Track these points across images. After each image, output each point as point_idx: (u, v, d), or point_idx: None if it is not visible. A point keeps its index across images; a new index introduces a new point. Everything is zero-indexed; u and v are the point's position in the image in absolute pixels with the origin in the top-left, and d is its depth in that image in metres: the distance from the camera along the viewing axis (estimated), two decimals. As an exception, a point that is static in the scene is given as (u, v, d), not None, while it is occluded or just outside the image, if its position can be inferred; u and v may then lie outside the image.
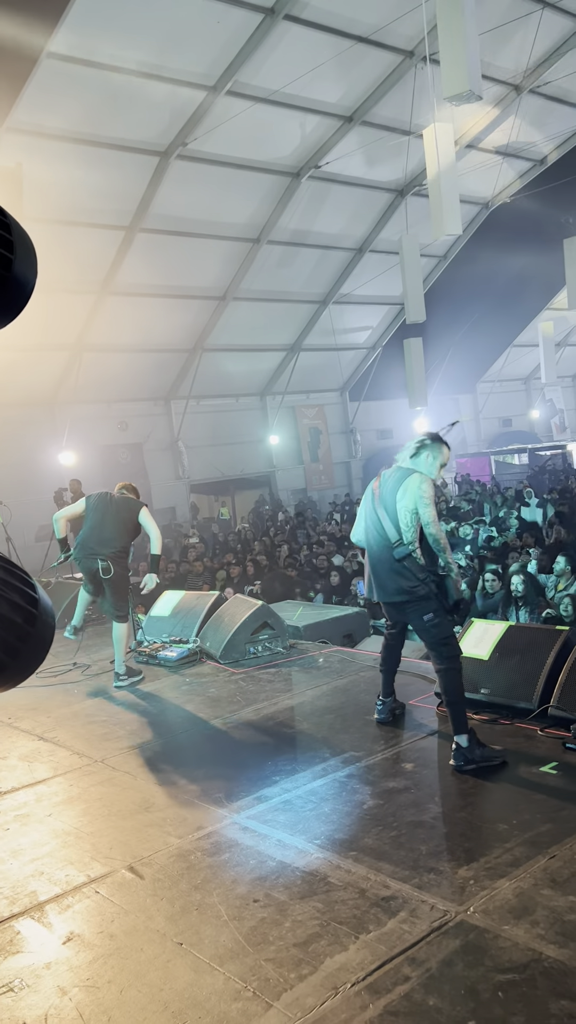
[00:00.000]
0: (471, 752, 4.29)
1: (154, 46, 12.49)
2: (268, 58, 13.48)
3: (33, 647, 1.52)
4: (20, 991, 2.88)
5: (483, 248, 21.32)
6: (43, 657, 1.59)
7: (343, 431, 24.34)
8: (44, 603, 1.56)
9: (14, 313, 1.52)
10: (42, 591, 1.59)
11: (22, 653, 1.50)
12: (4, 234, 1.47)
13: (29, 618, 1.50)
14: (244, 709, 5.72)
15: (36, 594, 1.54)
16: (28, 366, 15.40)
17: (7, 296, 1.47)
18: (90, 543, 6.57)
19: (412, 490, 4.50)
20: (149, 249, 15.94)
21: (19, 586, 1.51)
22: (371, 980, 2.74)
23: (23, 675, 1.55)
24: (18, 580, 1.52)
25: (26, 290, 1.52)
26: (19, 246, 1.50)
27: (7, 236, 1.47)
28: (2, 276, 1.46)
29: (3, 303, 1.47)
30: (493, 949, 2.84)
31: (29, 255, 1.53)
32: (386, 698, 5.13)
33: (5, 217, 1.47)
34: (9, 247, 1.47)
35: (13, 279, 1.47)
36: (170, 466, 20.27)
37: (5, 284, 1.46)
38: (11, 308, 1.50)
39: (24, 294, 1.52)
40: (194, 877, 3.51)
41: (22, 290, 1.52)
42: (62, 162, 13.11)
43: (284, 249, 18.44)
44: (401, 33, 14.17)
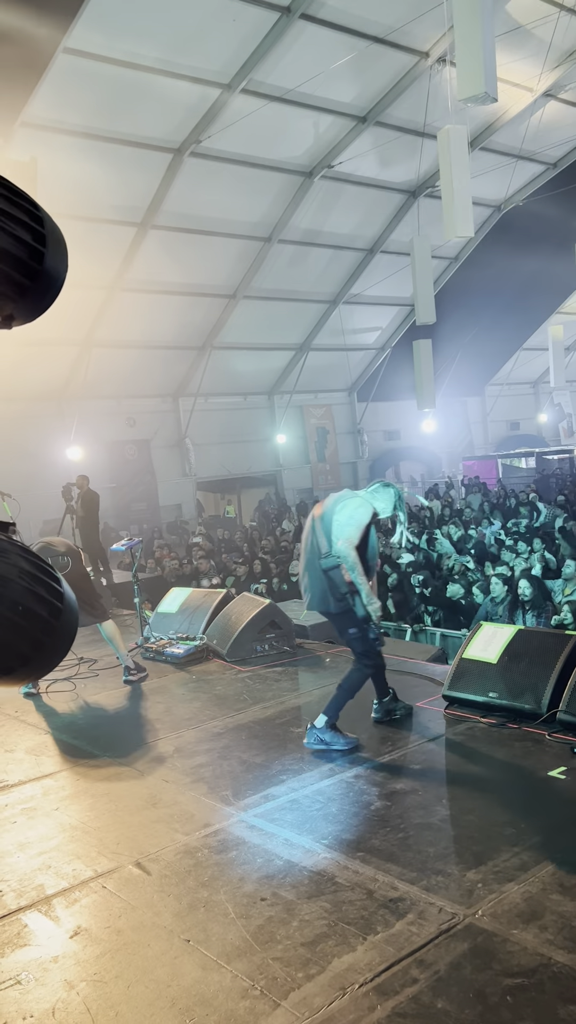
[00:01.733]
0: (323, 733, 4.72)
1: (170, 43, 12.48)
2: (283, 57, 13.46)
3: (57, 641, 1.53)
4: (28, 984, 2.89)
5: (494, 251, 21.27)
6: (66, 651, 1.59)
7: (350, 431, 24.32)
8: (68, 597, 1.56)
9: (45, 306, 1.53)
10: (66, 585, 1.59)
11: (46, 647, 1.50)
12: (37, 227, 1.47)
13: (54, 611, 1.50)
14: (251, 707, 5.72)
15: (61, 588, 1.54)
16: (38, 361, 15.40)
17: (39, 289, 1.48)
18: None
19: (348, 508, 4.75)
20: (161, 246, 15.93)
21: (45, 579, 1.51)
22: (379, 981, 2.74)
23: (46, 668, 1.55)
24: (44, 573, 1.52)
25: (57, 283, 1.53)
26: (51, 240, 1.50)
27: (40, 230, 1.48)
28: (34, 269, 1.46)
29: (35, 296, 1.47)
30: (502, 953, 2.83)
31: (60, 249, 1.54)
32: (381, 699, 5.17)
33: (38, 211, 1.47)
34: (42, 241, 1.47)
35: (45, 273, 1.48)
36: (177, 463, 20.27)
37: (37, 277, 1.46)
38: (42, 301, 1.51)
39: (55, 287, 1.53)
40: (201, 874, 3.52)
41: (53, 283, 1.52)
42: (76, 157, 13.11)
43: (295, 248, 18.42)
44: (417, 34, 14.13)
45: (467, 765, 4.47)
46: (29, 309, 1.49)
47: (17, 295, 1.43)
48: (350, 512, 4.72)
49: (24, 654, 1.46)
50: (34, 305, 1.49)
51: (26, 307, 1.48)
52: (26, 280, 1.44)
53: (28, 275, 1.43)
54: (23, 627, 1.45)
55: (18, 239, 1.40)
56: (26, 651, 1.46)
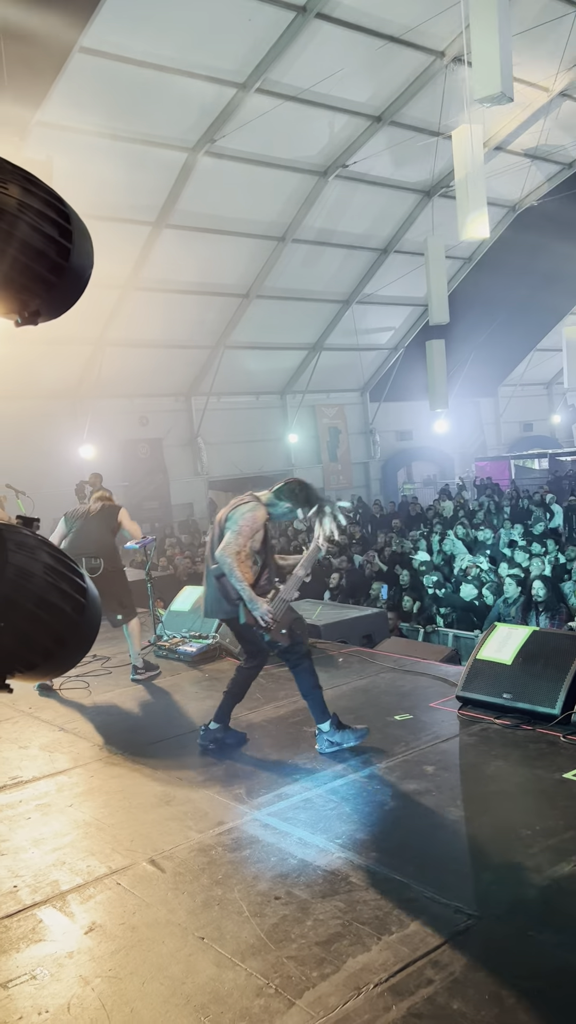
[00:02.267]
0: (332, 736, 4.71)
1: (185, 42, 12.50)
2: (299, 56, 13.46)
3: (80, 636, 1.53)
4: (43, 979, 2.90)
5: (509, 251, 21.20)
6: (89, 646, 1.59)
7: (363, 431, 24.29)
8: (92, 593, 1.57)
9: (71, 302, 1.53)
10: (90, 581, 1.59)
11: (70, 642, 1.51)
12: (64, 224, 1.48)
13: (78, 607, 1.50)
14: (264, 706, 5.72)
15: (85, 584, 1.54)
16: (51, 359, 15.46)
17: (66, 285, 1.48)
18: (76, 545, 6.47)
19: (237, 514, 4.68)
20: (175, 245, 15.96)
21: (69, 575, 1.52)
22: (394, 982, 2.73)
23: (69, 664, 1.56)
24: (68, 569, 1.53)
25: (83, 279, 1.53)
26: (77, 236, 1.51)
27: (66, 226, 1.48)
28: (61, 265, 1.47)
29: (62, 292, 1.48)
30: (517, 955, 2.82)
31: (87, 245, 1.54)
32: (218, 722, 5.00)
33: (66, 208, 1.48)
34: (68, 237, 1.48)
35: (71, 269, 1.48)
36: (189, 462, 20.31)
37: (64, 273, 1.47)
38: (69, 297, 1.51)
39: (81, 283, 1.53)
40: (215, 872, 3.52)
41: (79, 280, 1.53)
42: (91, 156, 13.15)
43: (309, 248, 18.42)
44: (433, 33, 14.10)
45: (481, 766, 4.45)
46: (55, 305, 1.50)
47: (44, 291, 1.44)
48: (237, 519, 4.64)
49: (48, 649, 1.47)
50: (60, 301, 1.50)
51: (52, 303, 1.48)
52: (53, 276, 1.44)
53: (55, 271, 1.44)
54: (47, 622, 1.45)
55: (46, 235, 1.41)
56: (49, 646, 1.46)
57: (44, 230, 1.42)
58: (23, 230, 1.38)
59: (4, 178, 1.36)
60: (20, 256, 1.39)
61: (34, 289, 1.44)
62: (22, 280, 1.41)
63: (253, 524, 4.65)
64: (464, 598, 9.45)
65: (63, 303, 1.52)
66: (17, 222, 1.37)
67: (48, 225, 1.42)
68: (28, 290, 1.43)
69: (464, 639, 8.63)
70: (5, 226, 1.35)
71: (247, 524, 4.63)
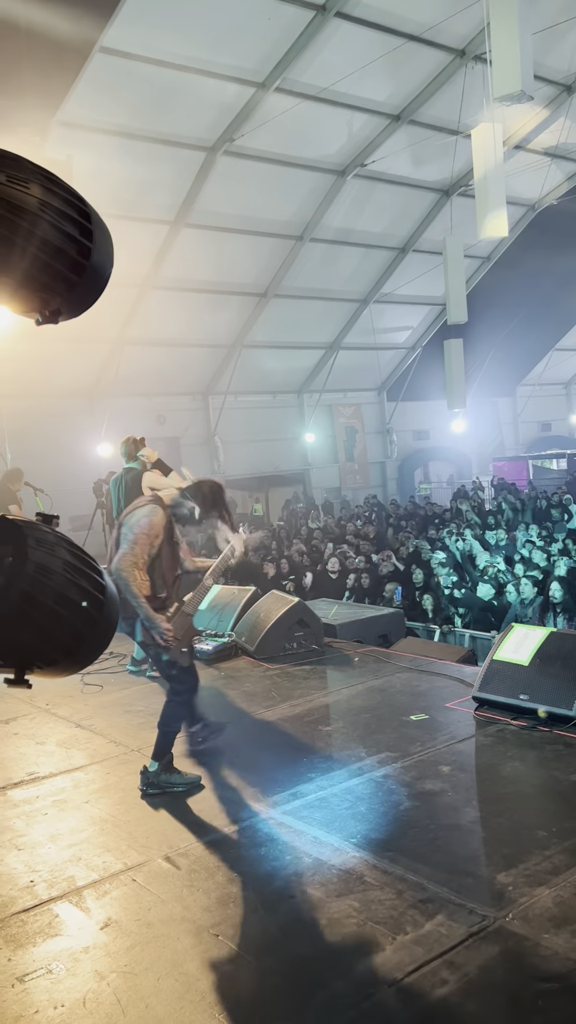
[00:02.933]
0: (156, 776, 4.35)
1: (205, 42, 12.51)
2: (318, 55, 13.44)
3: (99, 633, 1.54)
4: (59, 974, 2.92)
5: (528, 250, 21.07)
6: (107, 643, 1.60)
7: (379, 431, 24.22)
8: (110, 590, 1.58)
9: (91, 300, 1.54)
10: (108, 579, 1.60)
11: (89, 638, 1.52)
12: (84, 223, 1.48)
13: (97, 604, 1.51)
14: (279, 705, 5.73)
15: (103, 581, 1.55)
16: (70, 358, 15.52)
17: (86, 284, 1.49)
18: None
19: (133, 520, 4.28)
20: (193, 244, 15.99)
21: (88, 572, 1.53)
22: (408, 982, 2.73)
23: (88, 660, 1.57)
24: (87, 566, 1.54)
25: (103, 278, 1.54)
26: (98, 235, 1.52)
27: (87, 225, 1.49)
28: (81, 264, 1.48)
29: (82, 291, 1.49)
30: (533, 957, 2.81)
31: (107, 245, 1.55)
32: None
33: (86, 207, 1.49)
34: (89, 236, 1.49)
35: (92, 268, 1.49)
36: (206, 461, 20.33)
37: (84, 272, 1.48)
38: (89, 296, 1.52)
39: (101, 282, 1.54)
40: (230, 869, 3.53)
41: (99, 279, 1.53)
42: (111, 156, 13.19)
43: (327, 247, 18.39)
44: (453, 32, 14.04)
45: (497, 767, 4.43)
46: (76, 303, 1.51)
47: (65, 289, 1.45)
48: (132, 526, 4.23)
49: (67, 645, 1.48)
50: (81, 299, 1.51)
51: (73, 301, 1.50)
52: (73, 275, 1.45)
53: (76, 270, 1.45)
54: (66, 618, 1.46)
55: (67, 234, 1.42)
56: (69, 642, 1.47)
57: (65, 229, 1.43)
58: (44, 229, 1.39)
59: (25, 177, 1.37)
60: (41, 254, 1.40)
61: (55, 287, 1.45)
62: (43, 278, 1.43)
63: (150, 531, 4.20)
64: (482, 597, 9.41)
65: (83, 301, 1.53)
66: (38, 221, 1.38)
67: (69, 224, 1.43)
68: (49, 288, 1.45)
69: (481, 640, 8.59)
70: (26, 225, 1.37)
71: (143, 532, 4.18)
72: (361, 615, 8.00)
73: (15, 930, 3.20)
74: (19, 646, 1.47)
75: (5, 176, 1.33)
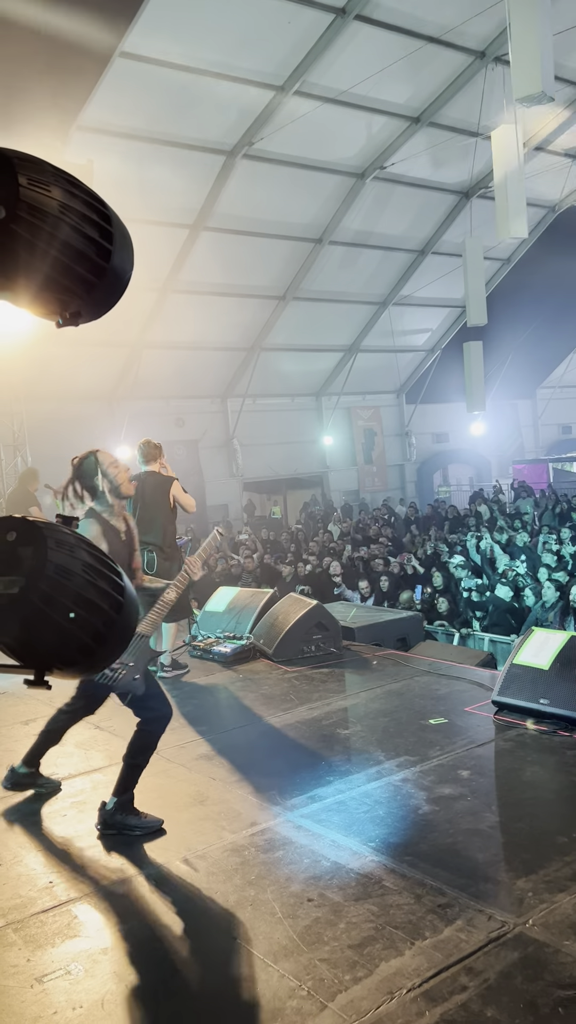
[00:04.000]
0: (112, 816, 3.91)
1: (225, 46, 12.56)
2: (337, 58, 13.45)
3: (118, 634, 1.54)
4: (77, 975, 2.92)
5: (548, 252, 20.96)
6: (127, 644, 1.61)
7: (398, 433, 24.18)
8: (130, 592, 1.58)
9: (111, 303, 1.55)
10: (128, 580, 1.61)
11: (108, 640, 1.52)
12: (105, 226, 1.49)
13: (116, 606, 1.52)
14: (298, 707, 5.72)
15: (123, 582, 1.56)
16: (89, 361, 15.62)
17: (106, 286, 1.50)
18: None
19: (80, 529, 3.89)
20: (212, 248, 16.04)
21: (107, 574, 1.53)
22: (427, 987, 2.71)
23: (108, 661, 1.57)
24: (106, 567, 1.54)
25: (123, 281, 1.55)
26: (118, 238, 1.52)
27: (107, 228, 1.50)
28: (101, 267, 1.48)
29: (102, 293, 1.49)
30: (553, 964, 2.79)
31: (127, 247, 1.56)
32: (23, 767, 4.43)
33: (106, 209, 1.49)
34: (109, 238, 1.49)
35: (112, 270, 1.50)
36: (224, 464, 20.38)
37: (104, 274, 1.48)
38: (109, 298, 1.53)
39: (121, 285, 1.55)
40: (248, 873, 3.52)
41: (119, 281, 1.54)
42: (131, 160, 13.27)
43: (346, 250, 18.39)
44: (472, 34, 14.01)
45: (517, 772, 4.40)
46: (96, 306, 1.51)
47: (85, 292, 1.46)
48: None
49: (86, 646, 1.48)
50: (101, 302, 1.52)
51: (93, 304, 1.50)
52: (94, 278, 1.46)
53: (96, 272, 1.45)
54: (86, 619, 1.47)
55: (87, 237, 1.42)
56: (88, 643, 1.48)
57: (85, 232, 1.43)
58: (64, 231, 1.40)
59: (46, 180, 1.38)
60: (62, 257, 1.41)
61: (75, 290, 1.46)
62: (64, 281, 1.43)
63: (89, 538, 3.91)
64: (502, 598, 9.36)
65: (103, 304, 1.54)
66: (59, 224, 1.39)
67: (89, 227, 1.44)
68: (69, 291, 1.45)
69: (500, 643, 8.54)
70: (47, 227, 1.37)
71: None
72: (380, 618, 7.98)
73: (34, 931, 3.21)
74: (39, 647, 1.48)
75: (26, 179, 1.34)
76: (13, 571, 1.44)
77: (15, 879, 3.62)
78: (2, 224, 1.31)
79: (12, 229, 1.31)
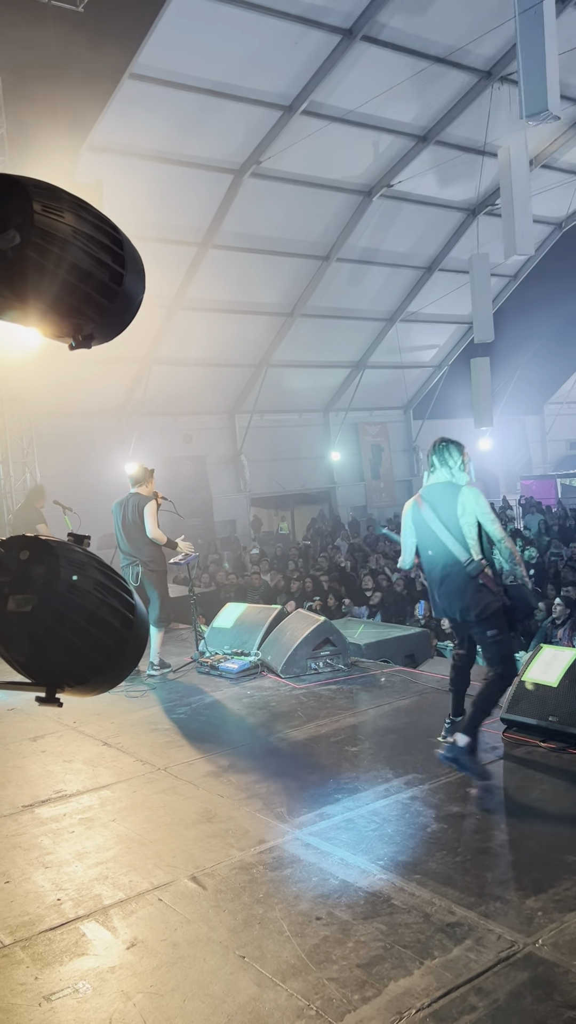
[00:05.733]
0: (462, 754, 4.36)
1: (233, 66, 12.72)
2: (344, 78, 13.60)
3: (129, 651, 1.56)
4: (85, 993, 2.91)
5: (555, 268, 21.05)
6: (137, 662, 1.62)
7: (406, 449, 24.21)
8: (140, 609, 1.60)
9: (123, 326, 1.57)
10: (137, 598, 1.62)
11: (118, 657, 1.53)
12: (117, 250, 1.52)
13: (127, 623, 1.53)
14: (306, 724, 5.71)
15: (133, 600, 1.57)
16: (99, 377, 15.71)
17: (118, 309, 1.52)
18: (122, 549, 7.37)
19: (470, 506, 4.55)
20: (220, 265, 16.17)
21: (118, 591, 1.55)
22: (436, 1007, 2.70)
23: (118, 679, 1.58)
24: (117, 586, 1.56)
25: (135, 304, 1.57)
26: (130, 262, 1.55)
27: (119, 252, 1.53)
28: (114, 290, 1.51)
29: (114, 316, 1.52)
30: (563, 984, 2.77)
31: (138, 271, 1.58)
32: (456, 717, 5.05)
33: (118, 234, 1.52)
34: (121, 263, 1.52)
35: (124, 293, 1.53)
36: (232, 479, 20.42)
37: (116, 297, 1.51)
38: (121, 321, 1.55)
39: (133, 308, 1.57)
40: (256, 891, 3.51)
41: (131, 304, 1.57)
42: (139, 179, 13.41)
43: (353, 267, 18.51)
44: (478, 53, 14.15)
45: (526, 790, 4.38)
46: (108, 328, 1.54)
47: (98, 315, 1.48)
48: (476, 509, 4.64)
49: (97, 664, 1.50)
50: (113, 325, 1.54)
51: (105, 326, 1.53)
52: (106, 301, 1.49)
53: (108, 296, 1.48)
54: (97, 637, 1.48)
55: (100, 261, 1.45)
56: (99, 661, 1.49)
57: (98, 256, 1.46)
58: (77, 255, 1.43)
59: (59, 206, 1.40)
60: (74, 281, 1.44)
61: (87, 313, 1.48)
62: (76, 304, 1.46)
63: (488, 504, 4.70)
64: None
65: (116, 326, 1.56)
66: (71, 247, 1.41)
67: (101, 251, 1.47)
68: (82, 314, 1.48)
69: (509, 660, 8.51)
70: (59, 251, 1.40)
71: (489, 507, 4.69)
72: (388, 635, 7.96)
73: (42, 948, 3.21)
74: (50, 665, 1.49)
75: (41, 205, 1.36)
76: (26, 589, 1.45)
77: (23, 896, 3.62)
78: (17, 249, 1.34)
79: (26, 254, 1.34)
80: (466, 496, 4.57)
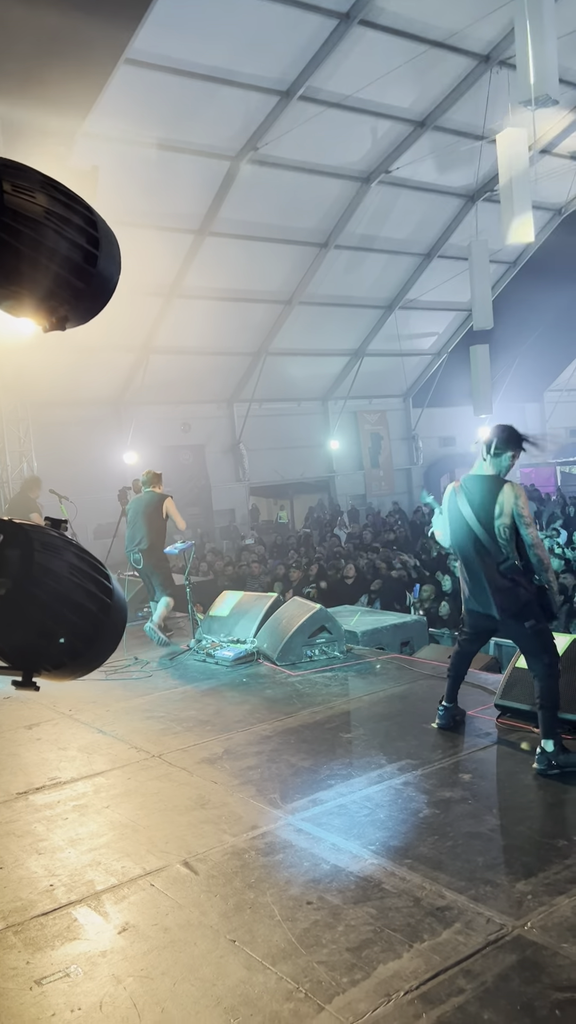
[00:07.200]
0: (556, 757, 4.27)
1: (229, 52, 12.61)
2: (342, 63, 13.49)
3: (106, 636, 1.55)
4: (76, 977, 2.93)
5: (555, 255, 20.94)
6: (115, 646, 1.62)
7: (405, 437, 24.16)
8: (118, 594, 1.59)
9: (98, 308, 1.56)
10: (116, 582, 1.62)
11: (96, 641, 1.53)
12: (91, 231, 1.50)
13: (104, 607, 1.53)
14: (300, 711, 5.72)
15: (111, 584, 1.57)
16: (96, 366, 15.67)
17: (92, 292, 1.51)
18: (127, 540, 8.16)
19: (509, 505, 4.44)
20: (217, 253, 16.09)
21: (94, 575, 1.54)
22: (425, 990, 2.71)
23: (95, 663, 1.58)
24: (93, 569, 1.55)
25: (110, 286, 1.56)
26: (104, 243, 1.53)
27: (94, 233, 1.51)
28: (87, 271, 1.49)
29: (89, 298, 1.51)
30: (551, 967, 2.78)
31: (113, 252, 1.57)
32: (449, 704, 5.06)
33: (92, 214, 1.51)
34: (95, 244, 1.51)
35: (98, 275, 1.51)
36: (231, 468, 20.40)
37: (91, 279, 1.50)
38: (95, 303, 1.54)
39: (107, 290, 1.56)
40: (248, 876, 3.53)
41: (106, 286, 1.55)
42: (136, 165, 13.33)
43: (351, 254, 18.41)
44: (477, 38, 14.02)
45: (519, 775, 4.39)
46: (83, 311, 1.53)
47: (72, 297, 1.47)
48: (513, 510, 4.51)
49: (74, 648, 1.50)
50: (88, 307, 1.53)
51: (80, 309, 1.52)
52: (80, 283, 1.47)
53: (83, 278, 1.47)
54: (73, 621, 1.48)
55: (73, 243, 1.44)
56: (76, 645, 1.49)
57: (71, 236, 1.45)
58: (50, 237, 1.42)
59: (31, 187, 1.39)
60: (47, 262, 1.42)
61: (61, 295, 1.47)
62: (50, 286, 1.45)
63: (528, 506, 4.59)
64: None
65: (90, 309, 1.55)
66: (44, 229, 1.40)
67: (75, 232, 1.45)
68: (55, 296, 1.47)
69: (504, 647, 8.51)
70: (32, 233, 1.39)
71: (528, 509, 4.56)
72: (384, 622, 7.97)
73: (34, 933, 3.23)
74: (27, 649, 1.49)
75: (10, 185, 1.35)
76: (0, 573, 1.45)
77: (16, 882, 3.63)
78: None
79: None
80: (506, 495, 4.46)
